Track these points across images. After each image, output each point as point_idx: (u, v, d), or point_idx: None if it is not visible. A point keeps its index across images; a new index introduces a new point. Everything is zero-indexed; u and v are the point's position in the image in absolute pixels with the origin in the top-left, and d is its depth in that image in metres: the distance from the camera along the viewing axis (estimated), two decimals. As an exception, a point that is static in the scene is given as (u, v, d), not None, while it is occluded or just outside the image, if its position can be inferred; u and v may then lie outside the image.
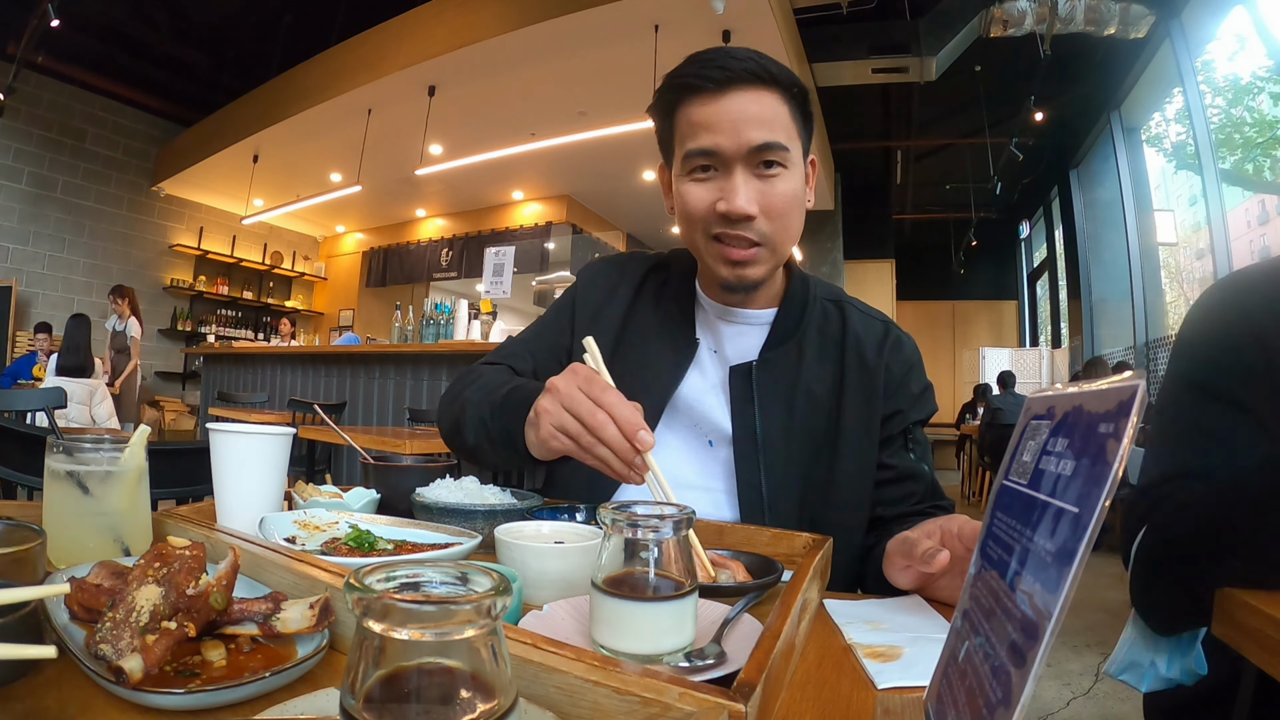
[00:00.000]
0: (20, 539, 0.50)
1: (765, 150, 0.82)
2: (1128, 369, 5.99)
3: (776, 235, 0.87)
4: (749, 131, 0.82)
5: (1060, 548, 0.27)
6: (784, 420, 0.91)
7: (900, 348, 0.97)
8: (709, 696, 0.33)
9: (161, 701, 0.37)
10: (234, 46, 7.55)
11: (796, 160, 0.86)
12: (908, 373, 0.96)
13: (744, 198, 0.83)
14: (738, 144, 0.82)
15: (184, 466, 1.30)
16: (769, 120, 0.83)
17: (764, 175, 0.84)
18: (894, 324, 1.00)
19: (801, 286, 0.97)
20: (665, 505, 0.49)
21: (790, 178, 0.85)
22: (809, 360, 0.94)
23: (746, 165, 0.84)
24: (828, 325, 0.97)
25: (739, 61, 0.82)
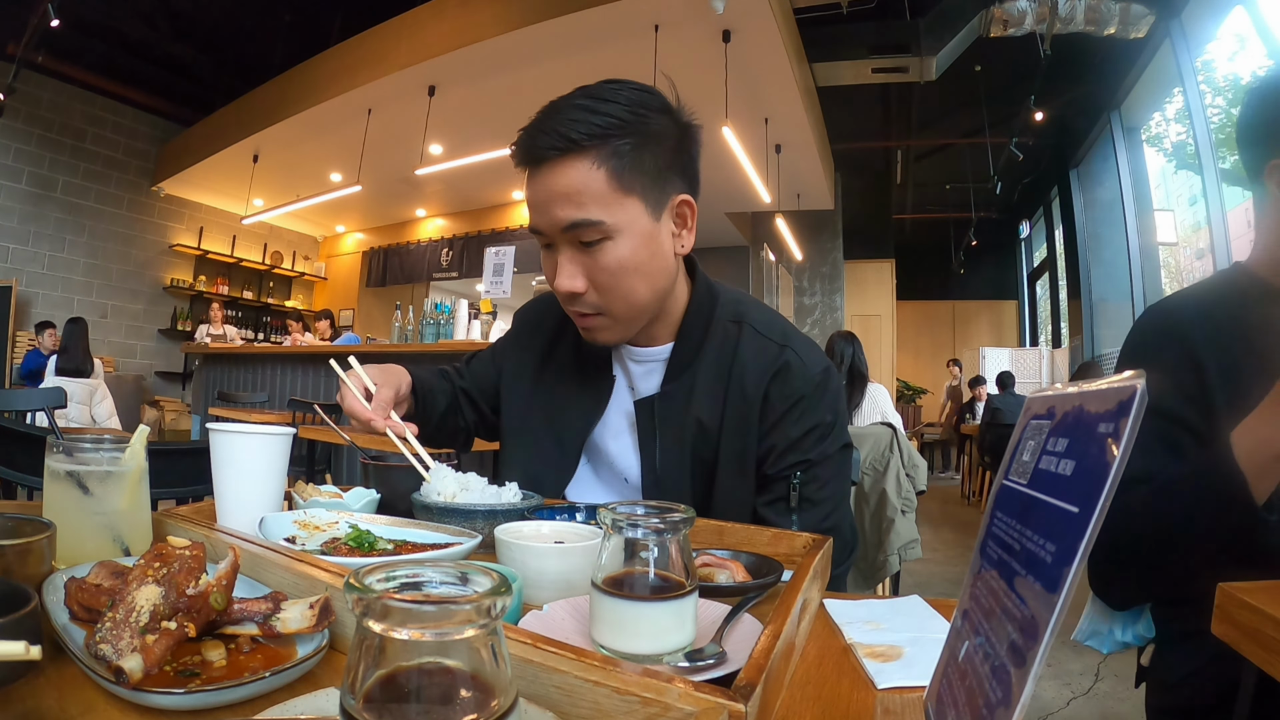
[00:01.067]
0: (30, 531, 0.51)
1: (576, 228, 0.80)
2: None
3: (614, 305, 0.84)
4: (555, 211, 0.80)
5: (1060, 548, 0.27)
6: (678, 454, 0.91)
7: (788, 376, 0.87)
8: (709, 696, 0.33)
9: (161, 701, 0.37)
10: (234, 46, 7.54)
11: (626, 224, 0.80)
12: (790, 408, 0.87)
13: (563, 276, 0.82)
14: (549, 224, 0.81)
15: (184, 466, 1.30)
16: (576, 193, 0.79)
17: (587, 250, 0.82)
18: (796, 348, 0.90)
19: (702, 311, 0.93)
20: (665, 505, 0.49)
21: (616, 247, 0.81)
22: (700, 390, 0.90)
23: (568, 243, 0.82)
24: (724, 349, 0.91)
25: (544, 136, 0.79)
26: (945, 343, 11.62)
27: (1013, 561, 0.31)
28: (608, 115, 0.79)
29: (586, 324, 0.88)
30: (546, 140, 0.79)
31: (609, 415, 0.97)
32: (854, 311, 9.22)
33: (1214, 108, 5.96)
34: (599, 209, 0.79)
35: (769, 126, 5.96)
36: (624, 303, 0.85)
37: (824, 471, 0.89)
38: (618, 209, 0.80)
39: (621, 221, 0.80)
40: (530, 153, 0.81)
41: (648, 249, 0.83)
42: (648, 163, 0.81)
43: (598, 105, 0.80)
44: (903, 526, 2.41)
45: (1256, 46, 5.46)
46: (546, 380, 1.02)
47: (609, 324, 0.87)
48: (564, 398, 0.99)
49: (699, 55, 4.78)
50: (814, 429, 0.88)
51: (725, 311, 0.94)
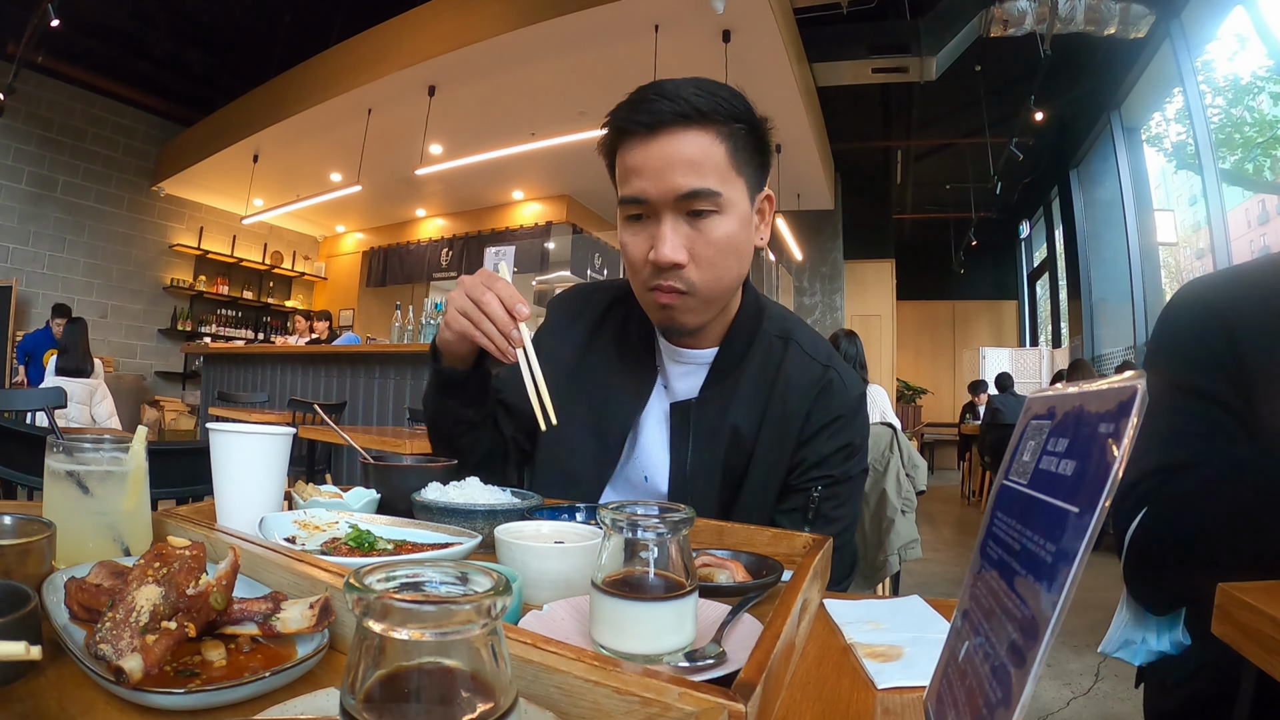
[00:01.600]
0: (30, 531, 0.51)
1: (693, 198, 0.80)
2: (1130, 369, 5.99)
3: (707, 284, 0.84)
4: (675, 177, 0.79)
5: (1060, 548, 0.27)
6: (709, 458, 0.91)
7: (829, 396, 0.90)
8: (709, 696, 0.33)
9: (161, 701, 0.37)
10: (234, 46, 7.54)
11: (734, 202, 0.82)
12: (826, 425, 0.89)
13: (670, 246, 0.81)
14: (663, 191, 0.80)
15: (184, 466, 1.30)
16: (698, 163, 0.79)
17: (694, 222, 0.81)
18: (838, 369, 0.93)
19: (749, 322, 0.94)
20: (665, 505, 0.49)
21: (724, 222, 0.82)
22: (741, 398, 0.91)
23: (676, 212, 0.81)
24: (768, 363, 0.93)
25: (669, 102, 0.79)
26: (945, 343, 11.63)
27: (1013, 561, 0.31)
28: (727, 100, 0.81)
29: (671, 301, 0.85)
30: (671, 106, 0.79)
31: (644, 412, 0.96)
32: (854, 311, 9.22)
33: (1214, 108, 5.96)
34: (718, 181, 0.80)
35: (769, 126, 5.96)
36: (717, 282, 0.85)
37: (844, 490, 0.91)
38: (731, 186, 0.82)
39: (733, 198, 0.82)
40: (651, 116, 0.80)
41: (745, 232, 0.85)
42: (751, 151, 0.84)
43: (715, 89, 0.82)
44: (903, 526, 2.41)
45: (1256, 46, 5.47)
46: (588, 370, 1.00)
47: (694, 304, 0.86)
48: (606, 389, 0.97)
49: (699, 55, 4.78)
50: (844, 448, 0.90)
51: (772, 325, 0.96)
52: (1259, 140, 6.14)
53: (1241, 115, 6.21)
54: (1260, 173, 6.27)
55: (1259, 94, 5.96)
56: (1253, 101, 6.06)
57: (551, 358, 1.00)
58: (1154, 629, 0.80)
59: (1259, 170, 6.29)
